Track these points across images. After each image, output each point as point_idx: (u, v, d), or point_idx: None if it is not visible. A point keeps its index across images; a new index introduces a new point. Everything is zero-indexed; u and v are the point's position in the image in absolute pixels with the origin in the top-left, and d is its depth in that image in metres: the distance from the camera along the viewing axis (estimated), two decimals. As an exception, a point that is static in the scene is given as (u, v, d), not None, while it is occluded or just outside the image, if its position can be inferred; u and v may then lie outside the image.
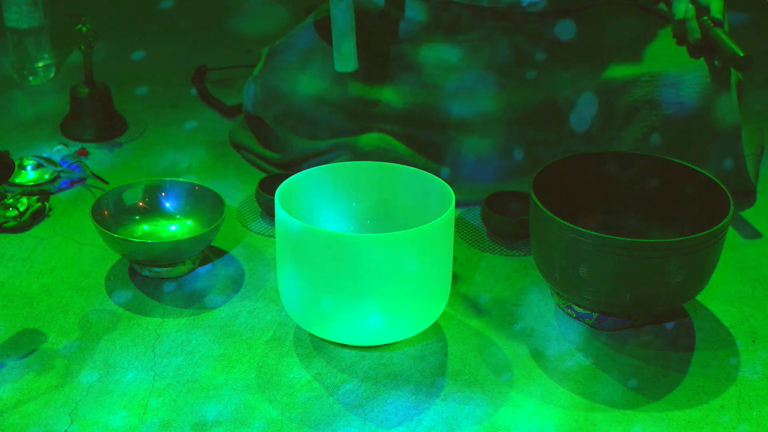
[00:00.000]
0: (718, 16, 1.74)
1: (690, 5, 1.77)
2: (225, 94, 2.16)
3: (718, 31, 1.73)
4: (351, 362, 1.47)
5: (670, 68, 1.79)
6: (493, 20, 1.83)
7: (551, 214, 1.44)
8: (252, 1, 2.58)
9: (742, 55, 1.69)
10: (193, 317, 1.55)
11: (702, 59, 1.77)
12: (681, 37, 1.78)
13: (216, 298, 1.59)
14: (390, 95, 1.81)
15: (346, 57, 1.79)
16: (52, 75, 2.20)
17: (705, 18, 1.75)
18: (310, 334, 1.51)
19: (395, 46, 1.85)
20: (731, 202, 1.48)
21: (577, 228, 1.42)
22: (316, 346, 1.50)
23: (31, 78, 2.18)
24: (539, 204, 1.47)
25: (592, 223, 1.61)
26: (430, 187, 1.52)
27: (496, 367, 1.47)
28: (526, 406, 1.40)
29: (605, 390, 1.43)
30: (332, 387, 1.43)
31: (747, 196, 1.84)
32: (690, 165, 1.57)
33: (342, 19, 1.78)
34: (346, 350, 1.49)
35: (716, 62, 1.75)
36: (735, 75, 1.81)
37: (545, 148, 1.80)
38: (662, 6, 1.89)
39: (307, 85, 1.82)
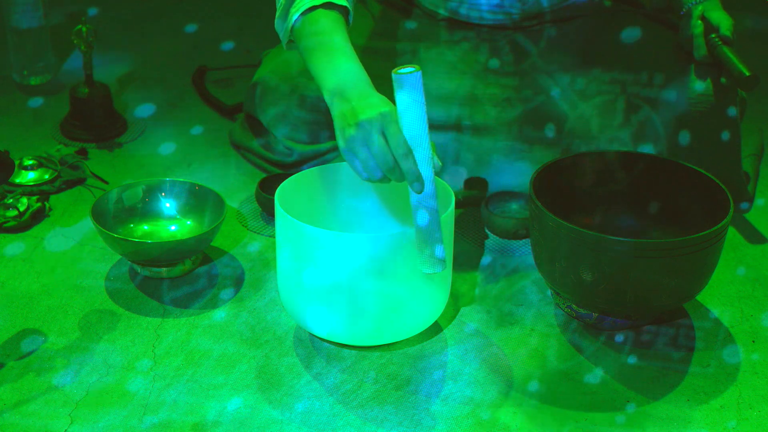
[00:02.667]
0: (727, 34, 1.73)
1: (699, 21, 1.76)
2: (225, 94, 2.16)
3: (726, 49, 1.72)
4: (351, 362, 1.47)
5: (672, 70, 1.79)
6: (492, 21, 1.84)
7: (551, 214, 1.44)
8: (252, 2, 2.58)
9: (748, 74, 1.68)
10: (193, 317, 1.55)
11: (709, 80, 1.77)
12: (688, 53, 1.79)
13: (216, 298, 1.59)
14: (390, 96, 1.81)
15: (437, 259, 1.38)
16: (52, 75, 2.20)
17: (713, 35, 1.74)
18: (310, 334, 1.51)
19: (394, 46, 1.85)
20: (731, 202, 1.48)
21: (577, 228, 1.42)
22: (316, 346, 1.50)
23: (31, 78, 2.18)
24: (539, 204, 1.47)
25: (592, 223, 1.61)
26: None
27: (496, 367, 1.47)
28: (526, 406, 1.40)
29: (605, 390, 1.43)
30: (332, 387, 1.43)
31: (745, 203, 1.83)
32: (690, 165, 1.57)
33: (431, 217, 1.37)
34: (346, 350, 1.49)
35: (722, 80, 1.75)
36: (739, 93, 1.80)
37: (545, 148, 1.80)
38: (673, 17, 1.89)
39: (306, 86, 1.82)
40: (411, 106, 1.33)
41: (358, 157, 1.34)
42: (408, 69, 1.32)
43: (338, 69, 1.39)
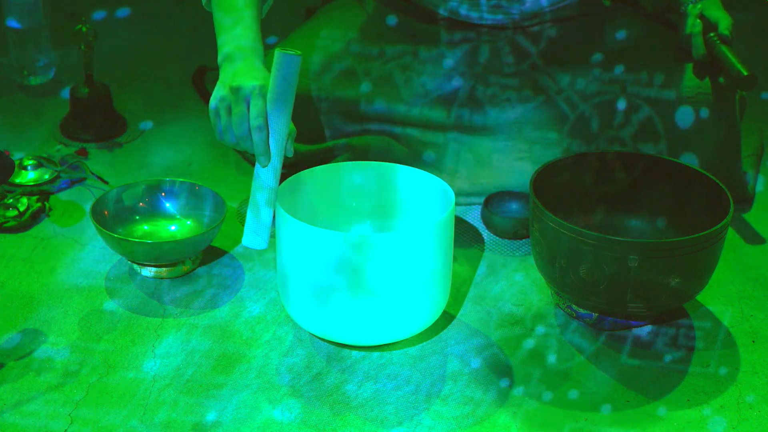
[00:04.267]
0: (726, 33, 1.73)
1: (697, 20, 1.76)
2: (225, 94, 2.15)
3: (724, 48, 1.72)
4: (351, 362, 1.47)
5: (671, 70, 1.79)
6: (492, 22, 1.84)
7: (551, 214, 1.44)
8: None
9: (746, 74, 1.67)
10: (193, 317, 1.55)
11: (707, 79, 1.76)
12: (687, 52, 1.78)
13: (216, 298, 1.59)
14: (390, 96, 1.81)
15: (255, 232, 1.45)
16: (52, 75, 2.20)
17: (712, 34, 1.74)
18: (310, 334, 1.51)
19: (393, 47, 1.85)
20: (731, 202, 1.48)
21: (577, 228, 1.42)
22: (316, 346, 1.50)
23: (31, 78, 2.18)
24: (539, 204, 1.47)
25: (592, 223, 1.61)
26: (430, 187, 1.52)
27: (496, 367, 1.47)
28: (526, 406, 1.40)
29: (605, 390, 1.43)
30: (332, 387, 1.43)
31: (744, 203, 1.83)
32: (690, 165, 1.57)
33: (264, 194, 1.44)
34: (346, 350, 1.49)
35: (720, 79, 1.75)
36: (738, 92, 1.80)
37: (545, 148, 1.80)
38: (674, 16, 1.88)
39: (306, 87, 1.82)
40: (282, 85, 1.40)
41: (219, 118, 1.42)
42: (291, 51, 1.39)
43: (236, 37, 1.49)
